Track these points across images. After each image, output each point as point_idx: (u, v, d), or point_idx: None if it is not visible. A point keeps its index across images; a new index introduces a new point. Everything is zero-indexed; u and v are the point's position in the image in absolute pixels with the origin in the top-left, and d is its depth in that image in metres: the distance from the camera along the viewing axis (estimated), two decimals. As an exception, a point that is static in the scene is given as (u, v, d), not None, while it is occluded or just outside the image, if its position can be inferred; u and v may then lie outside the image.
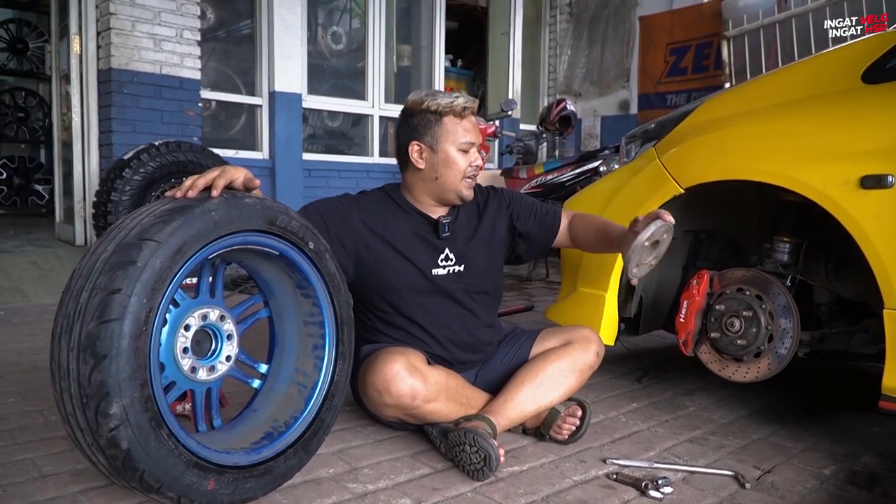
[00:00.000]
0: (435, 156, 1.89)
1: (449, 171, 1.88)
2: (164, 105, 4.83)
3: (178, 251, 1.24)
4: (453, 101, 1.87)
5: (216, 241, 1.32)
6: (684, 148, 2.06)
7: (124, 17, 4.59)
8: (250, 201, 1.39)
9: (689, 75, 6.61)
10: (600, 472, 1.76)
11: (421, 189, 1.95)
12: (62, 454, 1.73)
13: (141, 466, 1.21)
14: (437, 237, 1.94)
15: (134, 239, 1.21)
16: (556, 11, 7.72)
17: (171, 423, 1.27)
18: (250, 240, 1.40)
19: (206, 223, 1.29)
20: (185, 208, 1.28)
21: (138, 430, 1.20)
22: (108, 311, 1.16)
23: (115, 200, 4.06)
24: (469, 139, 1.88)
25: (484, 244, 2.01)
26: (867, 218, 1.66)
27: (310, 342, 1.62)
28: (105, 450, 1.20)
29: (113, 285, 1.17)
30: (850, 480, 1.78)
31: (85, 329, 1.17)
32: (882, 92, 1.70)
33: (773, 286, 1.97)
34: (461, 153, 1.88)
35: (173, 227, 1.24)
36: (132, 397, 1.19)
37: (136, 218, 1.27)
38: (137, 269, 1.19)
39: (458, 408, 1.83)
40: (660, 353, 3.07)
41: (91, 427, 1.19)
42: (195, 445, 1.32)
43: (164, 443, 1.24)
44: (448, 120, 1.87)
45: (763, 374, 1.97)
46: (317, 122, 6.37)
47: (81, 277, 1.22)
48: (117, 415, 1.17)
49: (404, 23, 6.97)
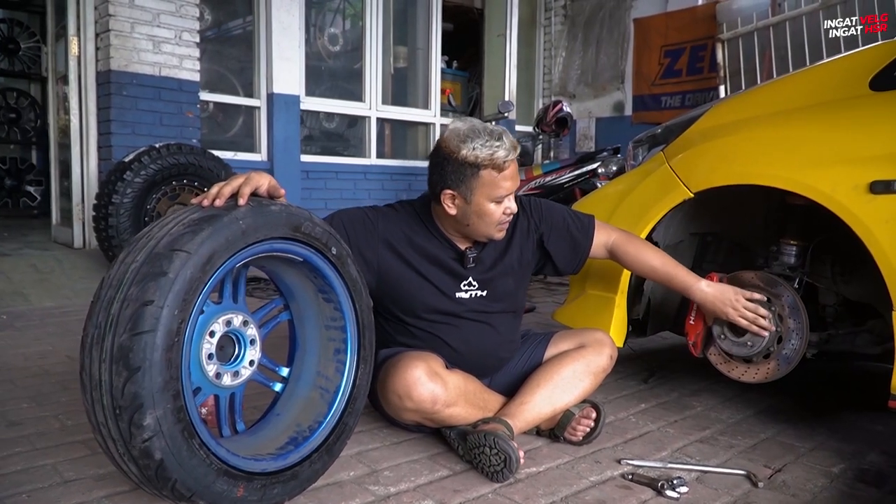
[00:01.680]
0: (468, 206, 1.80)
1: (481, 222, 1.82)
2: (164, 107, 4.82)
3: (208, 261, 1.25)
4: (493, 154, 1.72)
5: (243, 249, 1.33)
6: (694, 152, 2.10)
7: (123, 18, 4.58)
8: (276, 209, 1.41)
9: (683, 77, 6.66)
10: (616, 473, 1.79)
11: (450, 226, 1.91)
12: (83, 459, 1.74)
13: (173, 476, 1.23)
14: (462, 266, 1.93)
15: (164, 249, 1.22)
16: (550, 13, 7.76)
17: (202, 432, 1.28)
18: (276, 247, 1.42)
19: (234, 232, 1.30)
20: (214, 217, 1.29)
21: (171, 440, 1.21)
22: (141, 323, 1.18)
23: (117, 203, 4.05)
24: (506, 192, 1.78)
25: (509, 269, 1.99)
26: (877, 222, 1.69)
27: (331, 346, 1.63)
28: (138, 460, 1.21)
29: (145, 297, 1.18)
30: (858, 478, 1.81)
31: (117, 340, 1.18)
32: (890, 99, 1.73)
33: (782, 288, 2.01)
34: (496, 204, 1.80)
35: (203, 237, 1.25)
36: (165, 408, 1.20)
37: (164, 227, 1.28)
38: (169, 280, 1.20)
39: (476, 411, 1.85)
40: (663, 353, 3.11)
41: (124, 437, 1.20)
42: (225, 454, 1.33)
43: (196, 452, 1.25)
44: (486, 173, 1.75)
45: (773, 374, 2.00)
46: (314, 124, 6.38)
47: (112, 287, 1.23)
48: (151, 426, 1.19)
49: (401, 24, 6.99)
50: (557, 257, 2.08)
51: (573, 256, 2.09)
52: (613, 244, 2.06)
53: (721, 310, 1.96)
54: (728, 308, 1.95)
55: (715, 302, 1.97)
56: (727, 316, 1.96)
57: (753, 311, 1.96)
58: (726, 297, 1.96)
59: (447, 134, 1.80)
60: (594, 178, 4.93)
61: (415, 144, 7.05)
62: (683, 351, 3.17)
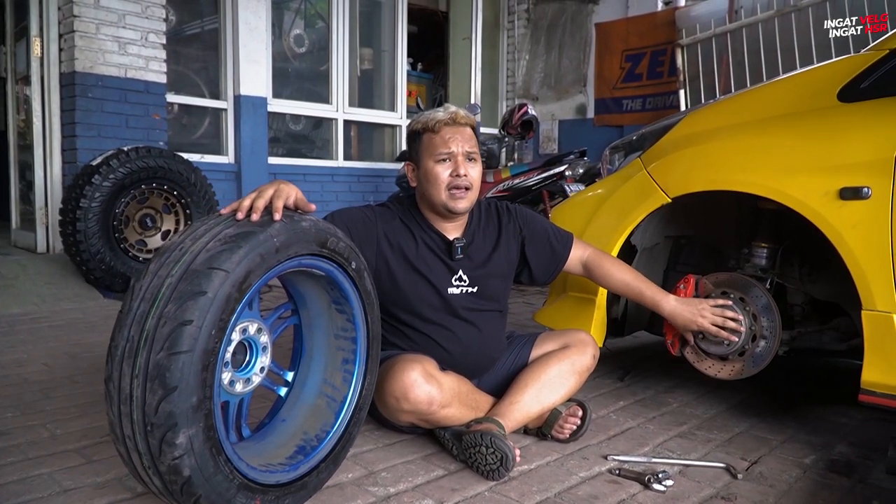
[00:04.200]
0: (419, 172, 1.97)
1: (430, 185, 1.94)
2: (130, 109, 4.76)
3: (245, 280, 1.25)
4: (428, 118, 1.94)
5: (276, 266, 1.33)
6: (672, 159, 2.19)
7: (88, 19, 4.51)
8: (306, 224, 1.40)
9: (644, 81, 6.82)
10: (603, 469, 1.86)
11: (423, 205, 2.02)
12: (79, 468, 1.74)
13: (199, 492, 1.24)
14: (451, 258, 2.00)
15: (202, 267, 1.21)
16: (514, 17, 7.85)
17: (227, 449, 1.30)
18: (304, 263, 1.42)
19: (269, 250, 1.29)
20: (250, 234, 1.28)
21: (200, 458, 1.22)
22: (180, 343, 1.16)
23: (84, 207, 3.99)
24: (443, 150, 1.92)
25: (498, 268, 2.07)
26: (846, 227, 1.80)
27: (340, 356, 1.65)
28: (164, 475, 1.21)
29: (184, 316, 1.17)
30: (829, 468, 1.92)
31: (153, 358, 1.16)
32: (857, 110, 1.84)
33: (756, 289, 2.11)
34: (439, 164, 1.92)
35: (240, 255, 1.24)
36: (198, 427, 1.21)
37: (198, 240, 1.26)
38: (208, 300, 1.19)
39: (469, 411, 1.91)
40: (636, 352, 3.21)
41: (153, 453, 1.20)
42: (245, 468, 1.35)
43: (221, 469, 1.27)
44: (426, 136, 1.95)
45: (748, 371, 2.10)
46: (281, 126, 6.35)
47: (145, 301, 1.21)
48: (183, 445, 1.19)
49: (366, 26, 7.00)
50: (535, 264, 2.15)
51: (549, 266, 2.17)
52: (588, 259, 2.16)
53: (690, 320, 2.07)
54: (697, 318, 2.06)
55: (684, 313, 2.07)
56: (698, 325, 2.06)
57: (721, 314, 2.06)
58: (693, 307, 2.07)
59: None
60: (562, 181, 5.02)
61: (381, 146, 7.07)
62: (655, 349, 3.29)
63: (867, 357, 1.79)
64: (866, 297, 1.78)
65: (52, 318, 3.68)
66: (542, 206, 5.17)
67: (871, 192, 1.76)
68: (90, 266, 4.11)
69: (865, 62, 1.86)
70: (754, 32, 5.65)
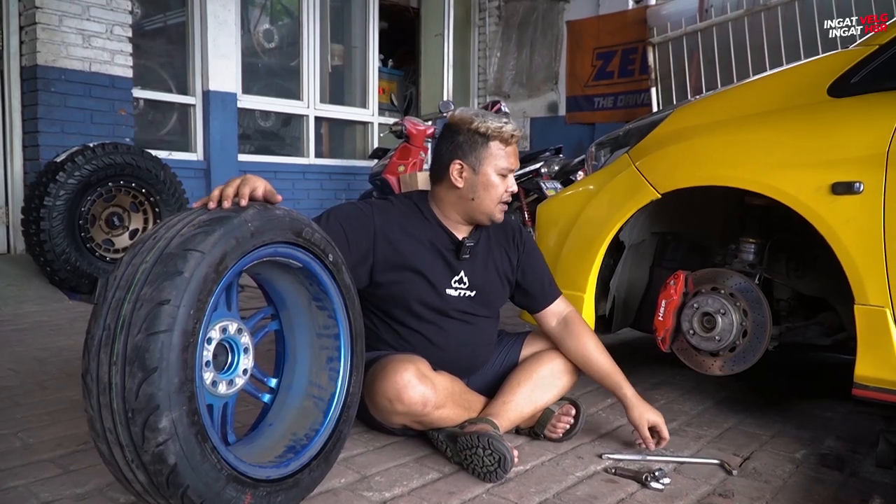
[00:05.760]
0: (475, 177, 1.88)
1: (486, 194, 1.88)
2: (95, 104, 4.60)
3: (221, 261, 1.24)
4: (502, 127, 1.86)
5: (251, 252, 1.32)
6: (660, 155, 2.17)
7: (51, 11, 4.34)
8: (280, 213, 1.40)
9: (615, 79, 6.85)
10: (599, 468, 1.84)
11: (452, 206, 1.94)
12: (56, 479, 1.66)
13: (186, 482, 1.19)
14: (456, 257, 1.94)
15: (177, 249, 1.20)
16: (485, 14, 7.82)
17: (213, 436, 1.25)
18: (280, 251, 1.40)
19: (244, 234, 1.29)
20: (224, 219, 1.27)
21: (186, 444, 1.18)
22: (158, 323, 1.14)
23: (49, 206, 3.85)
24: (510, 166, 1.89)
25: (497, 275, 2.03)
26: (838, 222, 1.80)
27: (324, 354, 1.61)
28: (148, 466, 1.17)
29: (161, 296, 1.15)
30: (821, 463, 1.93)
31: (132, 341, 1.14)
32: (848, 105, 1.84)
33: (746, 284, 2.11)
34: (501, 178, 1.88)
35: (215, 237, 1.23)
36: (181, 410, 1.17)
37: (172, 228, 1.25)
38: (184, 279, 1.17)
39: (462, 412, 1.87)
40: (621, 349, 3.20)
41: (135, 442, 1.16)
42: (234, 459, 1.31)
43: (209, 457, 1.23)
44: (494, 144, 1.87)
45: (738, 367, 2.10)
46: (251, 123, 6.24)
47: (120, 289, 1.19)
48: (166, 429, 1.15)
49: (338, 22, 6.91)
50: (518, 293, 2.11)
51: (527, 301, 2.12)
52: (568, 317, 2.07)
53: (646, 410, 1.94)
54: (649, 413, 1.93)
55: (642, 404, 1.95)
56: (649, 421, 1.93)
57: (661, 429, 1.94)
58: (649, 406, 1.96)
59: (458, 113, 1.93)
60: (537, 178, 5.01)
61: (353, 144, 6.98)
62: (640, 346, 3.29)
63: (860, 351, 1.80)
64: (859, 291, 1.78)
65: (15, 322, 3.54)
66: (517, 204, 5.15)
67: (863, 186, 1.76)
68: (55, 267, 3.97)
69: (855, 57, 1.86)
70: (724, 31, 5.71)
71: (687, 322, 2.15)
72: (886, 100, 1.77)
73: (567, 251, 2.39)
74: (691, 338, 2.15)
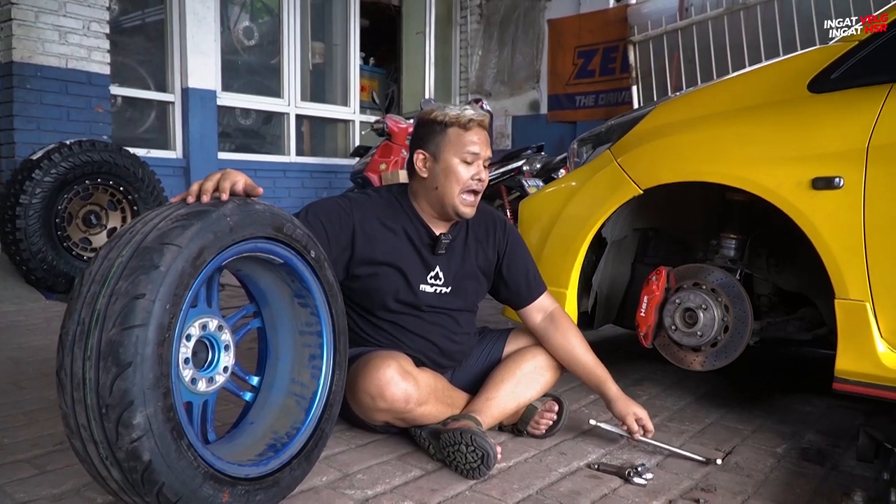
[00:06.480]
0: (437, 165, 1.88)
1: (447, 182, 1.86)
2: (71, 101, 4.55)
3: (198, 256, 1.22)
4: (460, 113, 1.87)
5: (230, 246, 1.30)
6: (642, 151, 2.17)
7: (27, 6, 4.28)
8: (260, 208, 1.38)
9: (596, 78, 6.87)
10: (582, 463, 1.84)
11: (424, 198, 1.93)
12: (32, 479, 1.62)
13: (161, 479, 1.17)
14: (433, 252, 1.94)
15: (154, 243, 1.18)
16: (466, 12, 7.82)
17: (189, 433, 1.23)
18: (260, 247, 1.38)
19: (223, 228, 1.27)
20: (202, 213, 1.25)
21: (161, 440, 1.16)
22: (132, 317, 1.12)
23: (25, 204, 3.79)
24: (473, 150, 1.86)
25: (474, 272, 2.02)
26: (819, 216, 1.81)
27: (306, 352, 1.59)
28: (123, 463, 1.15)
29: (136, 290, 1.13)
30: (802, 457, 1.94)
31: (106, 336, 1.12)
32: (827, 101, 1.85)
33: (727, 279, 2.11)
34: (463, 164, 1.86)
35: (193, 231, 1.21)
36: (156, 406, 1.15)
37: (149, 222, 1.23)
38: (160, 273, 1.15)
39: (445, 409, 1.86)
40: (602, 345, 3.20)
41: (109, 439, 1.14)
42: (211, 457, 1.29)
43: (185, 454, 1.21)
44: (453, 131, 1.87)
45: (720, 362, 2.11)
46: (231, 120, 6.18)
47: (95, 283, 1.17)
48: (141, 425, 1.13)
49: (318, 19, 6.87)
50: (502, 288, 2.09)
51: (510, 296, 2.10)
52: (554, 313, 2.06)
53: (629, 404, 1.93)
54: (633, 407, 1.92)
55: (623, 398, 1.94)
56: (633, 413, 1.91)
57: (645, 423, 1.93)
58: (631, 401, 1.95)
59: (423, 108, 1.95)
60: (519, 176, 5.01)
61: (335, 142, 6.95)
62: (622, 342, 3.30)
63: (840, 345, 1.81)
64: (839, 285, 1.80)
65: (-10, 322, 3.48)
66: (499, 202, 5.15)
67: (843, 181, 1.77)
68: (31, 266, 3.91)
69: (835, 53, 1.87)
70: (704, 30, 5.75)
71: (669, 318, 2.16)
72: (866, 95, 1.79)
73: (549, 248, 2.38)
74: (673, 333, 2.15)
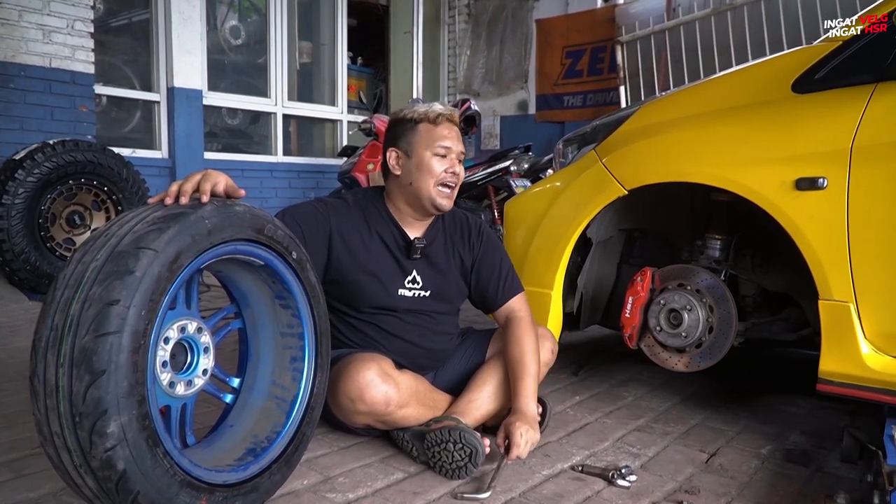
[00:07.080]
0: (410, 161, 1.89)
1: (421, 177, 1.87)
2: (55, 101, 4.50)
3: (175, 260, 1.19)
4: (429, 109, 1.90)
5: (209, 249, 1.27)
6: (627, 151, 2.16)
7: (10, 5, 4.23)
8: (240, 209, 1.35)
9: (584, 78, 6.87)
10: (566, 465, 1.83)
11: (399, 197, 1.93)
12: (9, 483, 1.60)
13: (136, 488, 1.15)
14: (408, 257, 1.93)
15: (129, 247, 1.15)
16: (454, 12, 7.80)
17: (165, 441, 1.21)
18: (240, 249, 1.36)
19: (201, 231, 1.24)
20: (180, 216, 1.23)
21: (135, 449, 1.14)
22: (106, 324, 1.10)
23: (7, 204, 3.74)
24: (445, 143, 1.88)
25: (453, 273, 2.01)
26: (802, 217, 1.81)
27: (287, 354, 1.58)
28: (97, 471, 1.13)
29: (110, 296, 1.11)
30: (787, 458, 1.94)
31: (79, 343, 1.10)
32: (811, 101, 1.85)
33: (712, 279, 2.11)
34: (436, 158, 1.87)
35: (170, 235, 1.19)
36: (130, 415, 1.13)
37: (125, 225, 1.21)
38: (136, 278, 1.13)
39: (427, 411, 1.84)
40: (588, 346, 3.20)
41: (83, 447, 1.12)
42: (188, 464, 1.27)
43: (160, 462, 1.19)
44: (423, 126, 1.89)
45: (705, 363, 2.10)
46: (217, 120, 6.14)
47: (69, 288, 1.15)
48: (115, 434, 1.11)
49: (305, 19, 6.84)
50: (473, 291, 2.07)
51: (480, 300, 2.08)
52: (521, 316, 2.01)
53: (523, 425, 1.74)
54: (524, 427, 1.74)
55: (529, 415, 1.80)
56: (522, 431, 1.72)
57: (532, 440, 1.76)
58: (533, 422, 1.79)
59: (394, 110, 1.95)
60: (507, 176, 5.00)
61: (322, 142, 6.92)
62: (606, 343, 3.29)
63: (824, 347, 1.81)
64: (823, 286, 1.79)
65: (-29, 324, 3.43)
66: (487, 202, 5.14)
67: (827, 182, 1.77)
68: (14, 266, 3.87)
69: (819, 53, 1.87)
70: (692, 30, 5.76)
71: (654, 318, 2.15)
72: (850, 95, 1.78)
73: (535, 248, 2.37)
74: (658, 334, 2.15)
